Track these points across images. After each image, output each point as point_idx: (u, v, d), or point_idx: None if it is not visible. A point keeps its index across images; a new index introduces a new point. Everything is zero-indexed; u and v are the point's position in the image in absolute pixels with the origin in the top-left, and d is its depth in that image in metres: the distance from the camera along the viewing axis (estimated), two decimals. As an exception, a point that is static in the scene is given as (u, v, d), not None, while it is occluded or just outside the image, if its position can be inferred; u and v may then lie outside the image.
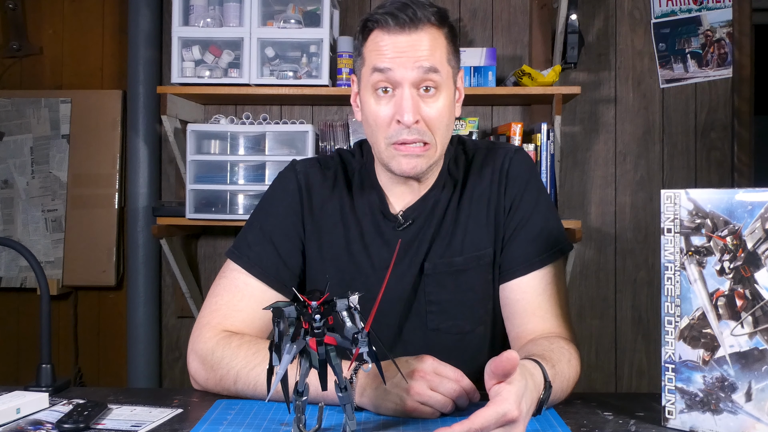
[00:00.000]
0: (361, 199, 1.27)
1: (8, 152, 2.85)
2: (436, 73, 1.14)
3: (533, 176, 1.27)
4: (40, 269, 1.17)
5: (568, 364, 1.08)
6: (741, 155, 2.77)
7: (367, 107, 1.18)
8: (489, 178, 1.26)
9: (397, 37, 1.13)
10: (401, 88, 1.14)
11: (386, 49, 1.14)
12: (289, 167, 1.32)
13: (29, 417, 1.02)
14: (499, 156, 1.27)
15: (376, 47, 1.15)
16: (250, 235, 1.26)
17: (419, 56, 1.13)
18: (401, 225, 1.25)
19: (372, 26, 1.16)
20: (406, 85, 1.13)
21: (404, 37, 1.13)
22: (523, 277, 1.21)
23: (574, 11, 2.59)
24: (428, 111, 1.15)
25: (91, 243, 2.83)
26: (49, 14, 2.91)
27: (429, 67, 1.13)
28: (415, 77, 1.13)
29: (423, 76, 1.13)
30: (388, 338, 1.25)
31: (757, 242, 0.90)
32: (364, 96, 1.19)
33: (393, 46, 1.13)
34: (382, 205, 1.26)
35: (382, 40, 1.14)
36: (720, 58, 2.78)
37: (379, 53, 1.14)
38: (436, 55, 1.14)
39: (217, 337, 1.16)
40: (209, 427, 0.97)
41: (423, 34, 1.14)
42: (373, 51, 1.16)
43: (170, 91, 2.52)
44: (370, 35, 1.17)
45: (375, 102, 1.17)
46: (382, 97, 1.16)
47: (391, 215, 1.25)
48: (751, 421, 0.91)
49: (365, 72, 1.18)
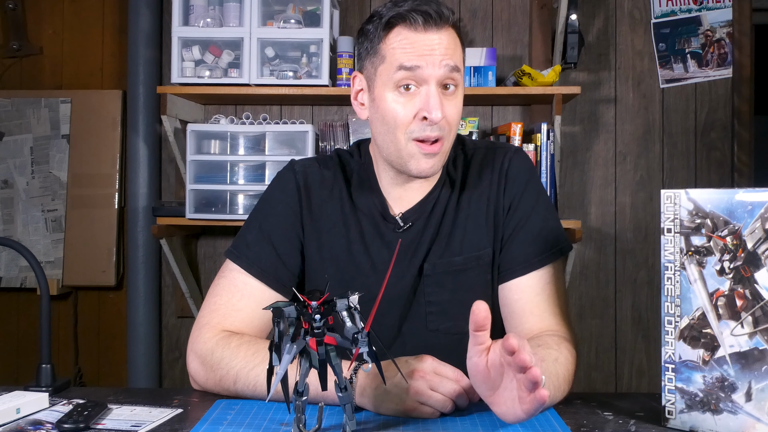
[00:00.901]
0: (361, 200, 1.27)
1: (8, 152, 2.85)
2: (458, 72, 1.16)
3: (533, 177, 1.27)
4: (40, 269, 1.17)
5: (554, 362, 1.06)
6: (741, 155, 2.77)
7: (384, 104, 1.17)
8: (488, 178, 1.26)
9: (425, 34, 1.14)
10: (427, 86, 1.14)
11: (415, 47, 1.13)
12: (287, 167, 1.32)
13: (29, 417, 1.02)
14: (499, 156, 1.27)
15: (402, 45, 1.14)
16: (249, 235, 1.26)
17: (446, 54, 1.14)
18: (400, 227, 1.25)
19: (396, 22, 1.15)
20: (432, 82, 1.14)
21: (432, 35, 1.14)
22: (522, 277, 1.21)
23: (574, 11, 2.59)
24: (448, 109, 1.16)
25: (91, 243, 2.83)
26: (49, 14, 2.91)
27: (453, 66, 1.15)
28: (441, 75, 1.14)
29: (448, 74, 1.15)
30: (388, 339, 1.24)
31: (757, 242, 0.90)
32: (382, 93, 1.17)
33: (422, 44, 1.13)
34: (382, 207, 1.26)
35: (409, 37, 1.14)
36: (720, 58, 2.78)
37: (406, 51, 1.14)
38: (457, 54, 1.17)
39: (217, 337, 1.16)
40: (209, 427, 0.97)
41: (446, 33, 1.15)
42: (398, 48, 1.15)
43: (170, 91, 2.52)
44: (392, 31, 1.16)
45: (395, 98, 1.16)
46: (404, 94, 1.15)
47: (390, 217, 1.26)
48: (751, 421, 0.91)
49: (385, 69, 1.16)
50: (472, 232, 1.24)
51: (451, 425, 0.97)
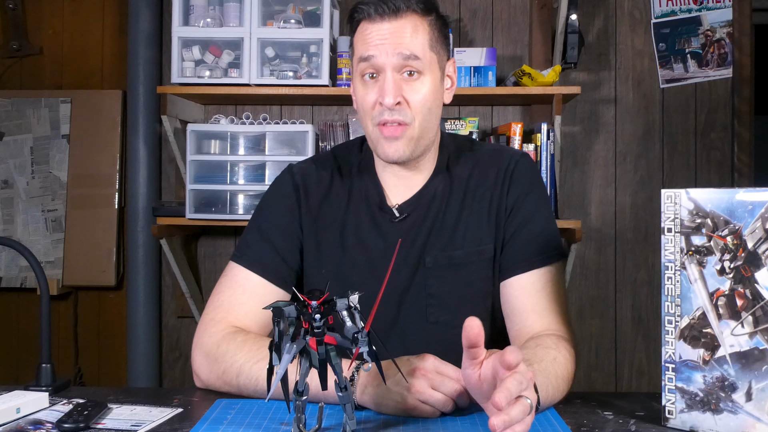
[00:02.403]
0: (359, 191, 1.30)
1: (8, 152, 2.85)
2: (417, 59, 1.18)
3: (537, 181, 1.30)
4: (40, 269, 1.17)
5: (552, 362, 1.07)
6: (741, 155, 2.77)
7: (356, 94, 1.24)
8: (494, 177, 1.28)
9: (380, 25, 1.19)
10: (384, 73, 1.19)
11: (370, 38, 1.19)
12: (285, 170, 1.36)
13: (29, 417, 1.02)
14: (506, 158, 1.30)
15: (362, 37, 1.21)
16: (249, 236, 1.30)
17: (400, 42, 1.18)
18: (396, 218, 1.26)
19: (358, 18, 1.22)
20: (388, 69, 1.18)
21: (386, 25, 1.19)
22: (523, 274, 1.22)
23: (574, 11, 2.59)
24: (410, 95, 1.19)
25: (91, 243, 2.83)
26: (49, 14, 2.91)
27: (409, 54, 1.18)
28: (395, 62, 1.18)
29: (403, 62, 1.18)
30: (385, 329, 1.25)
31: (757, 242, 0.90)
32: (355, 84, 1.25)
33: (376, 34, 1.19)
34: (380, 197, 1.29)
35: (366, 29, 1.20)
36: (720, 58, 2.78)
37: (365, 42, 1.20)
38: (417, 41, 1.19)
39: (223, 332, 1.18)
40: (209, 426, 0.97)
41: (404, 22, 1.19)
42: (359, 41, 1.22)
43: (170, 91, 2.52)
44: (358, 27, 1.23)
45: (362, 88, 1.22)
46: (368, 83, 1.21)
47: (387, 207, 1.28)
48: (751, 421, 0.91)
49: (355, 61, 1.24)
50: (474, 228, 1.26)
51: (451, 425, 0.97)
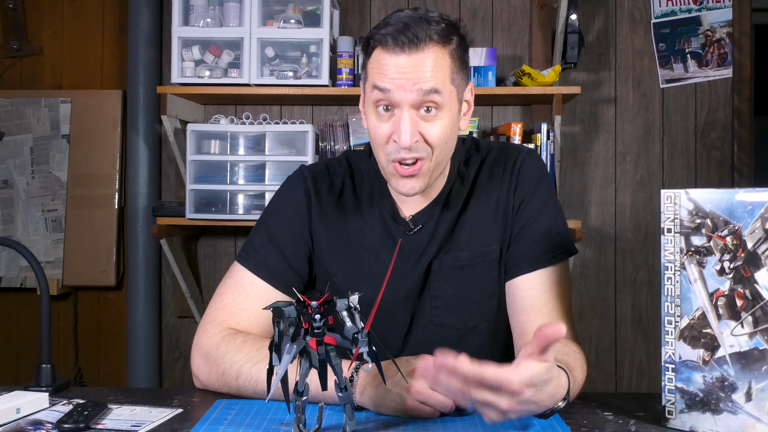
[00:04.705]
0: (371, 203, 1.27)
1: (8, 152, 2.85)
2: (437, 94, 1.11)
3: (544, 178, 1.28)
4: (40, 269, 1.17)
5: (581, 371, 1.09)
6: (741, 155, 2.77)
7: (369, 122, 1.18)
8: (500, 176, 1.26)
9: (397, 57, 1.10)
10: (400, 109, 1.12)
11: (387, 69, 1.11)
12: (297, 172, 1.32)
13: (29, 417, 1.02)
14: (512, 156, 1.28)
15: (378, 65, 1.13)
16: (257, 238, 1.28)
17: (419, 78, 1.10)
18: (411, 230, 1.25)
19: (374, 44, 1.14)
20: (405, 106, 1.11)
21: (405, 58, 1.10)
22: (529, 274, 1.21)
23: (574, 11, 2.59)
24: (428, 130, 1.13)
25: (91, 243, 2.83)
26: (49, 14, 2.91)
27: (429, 89, 1.10)
28: (414, 99, 1.11)
29: (423, 98, 1.11)
30: (399, 336, 1.25)
31: (757, 242, 0.90)
32: (367, 110, 1.17)
33: (394, 67, 1.10)
34: (392, 209, 1.26)
35: (383, 59, 1.12)
36: (720, 58, 2.78)
37: (380, 72, 1.12)
38: (438, 76, 1.11)
39: (222, 333, 1.18)
40: (209, 427, 0.97)
41: (425, 55, 1.10)
42: (374, 69, 1.13)
43: (170, 91, 2.52)
44: (373, 52, 1.14)
45: (376, 118, 1.15)
46: (382, 115, 1.14)
47: (401, 219, 1.26)
48: (751, 421, 0.91)
49: (368, 87, 1.16)
50: (479, 228, 1.24)
51: (451, 425, 0.97)
